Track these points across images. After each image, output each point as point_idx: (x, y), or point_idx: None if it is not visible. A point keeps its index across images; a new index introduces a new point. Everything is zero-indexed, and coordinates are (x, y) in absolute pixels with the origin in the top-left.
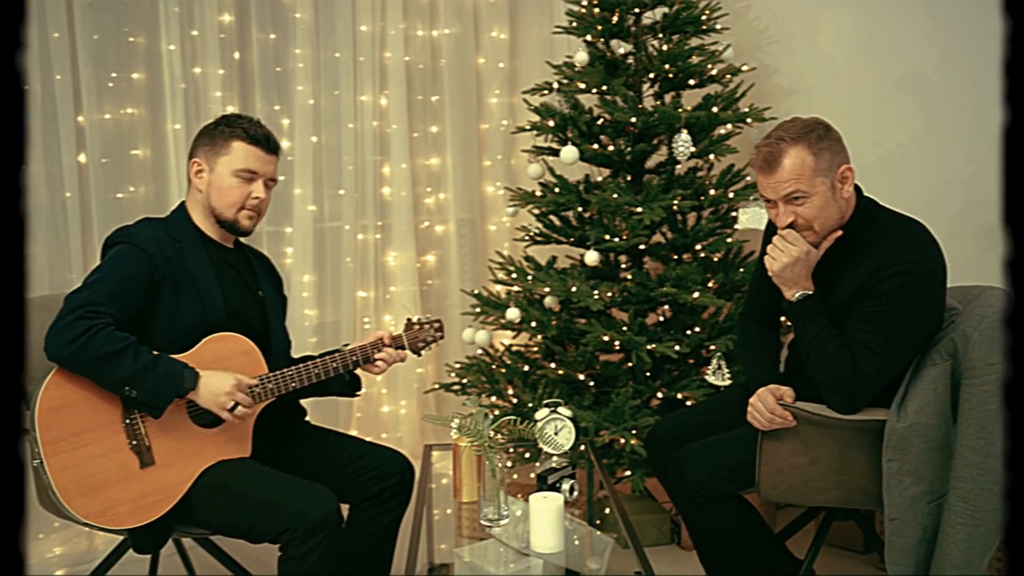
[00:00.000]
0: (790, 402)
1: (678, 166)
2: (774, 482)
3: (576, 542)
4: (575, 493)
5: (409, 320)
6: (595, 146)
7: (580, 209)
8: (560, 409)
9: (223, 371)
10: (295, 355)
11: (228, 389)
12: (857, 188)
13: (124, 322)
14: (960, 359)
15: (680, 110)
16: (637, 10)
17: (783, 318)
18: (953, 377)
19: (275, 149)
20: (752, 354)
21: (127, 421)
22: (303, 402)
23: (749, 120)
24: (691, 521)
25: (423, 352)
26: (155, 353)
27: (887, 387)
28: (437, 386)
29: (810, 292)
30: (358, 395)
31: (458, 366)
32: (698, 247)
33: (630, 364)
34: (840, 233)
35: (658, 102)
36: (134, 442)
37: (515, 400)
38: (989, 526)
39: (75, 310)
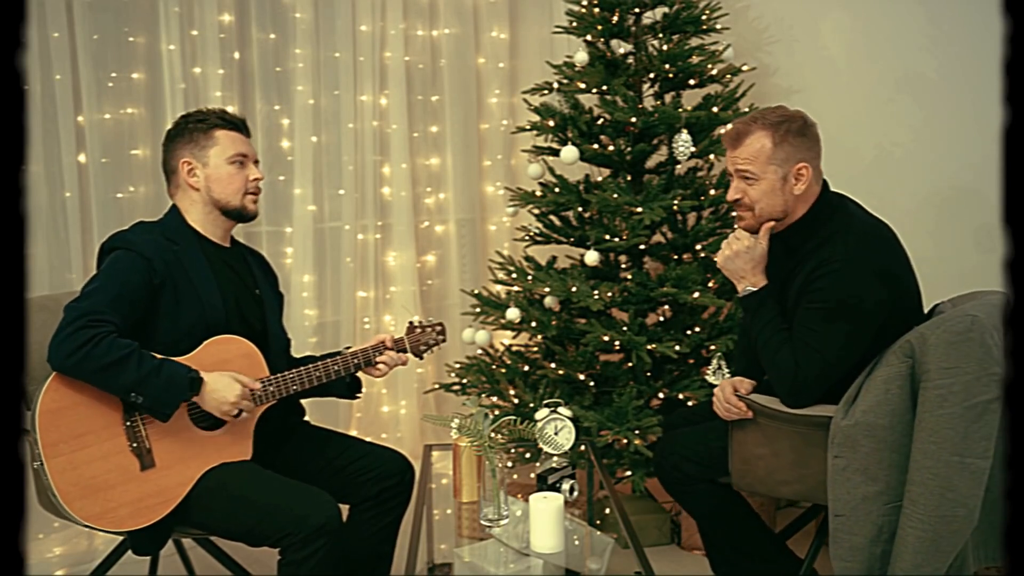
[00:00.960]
0: (745, 393)
1: (678, 166)
2: (742, 471)
3: (576, 542)
4: (575, 493)
5: (411, 323)
6: (595, 146)
7: (580, 209)
8: (560, 409)
9: (228, 375)
10: (296, 355)
11: (233, 400)
12: (825, 187)
13: (126, 329)
14: (917, 361)
15: (680, 110)
16: (637, 10)
17: None
18: (913, 379)
19: (248, 131)
20: (741, 349)
21: (128, 423)
22: (302, 402)
23: None
24: (682, 506)
25: (425, 355)
26: (159, 358)
27: (844, 385)
28: (437, 386)
29: (755, 289)
30: (358, 397)
31: (458, 366)
32: (698, 247)
33: (630, 364)
34: (772, 224)
35: (658, 102)
36: (135, 444)
37: (515, 400)
38: (940, 531)
39: (76, 320)
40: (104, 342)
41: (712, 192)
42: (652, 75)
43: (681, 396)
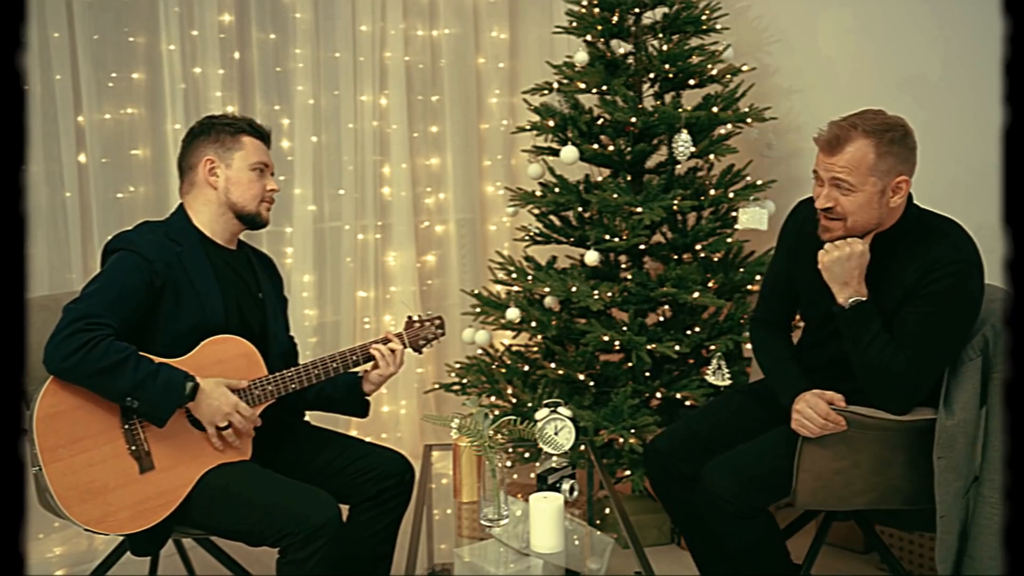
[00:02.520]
0: (843, 407)
1: (678, 166)
2: (813, 489)
3: (576, 542)
4: (575, 493)
5: (409, 318)
6: (595, 146)
7: (580, 209)
8: (560, 409)
9: (224, 383)
10: (302, 361)
11: (227, 410)
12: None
13: (124, 331)
14: (991, 353)
15: (680, 110)
16: (637, 10)
17: (796, 320)
18: (984, 371)
19: (271, 142)
20: (777, 360)
21: (126, 426)
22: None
23: (749, 120)
24: (714, 535)
25: (424, 350)
26: (156, 363)
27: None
28: (437, 386)
29: (863, 298)
30: (364, 416)
31: (458, 366)
32: (698, 247)
33: (630, 364)
34: (876, 232)
35: (658, 102)
36: (133, 447)
37: (515, 400)
38: None
39: (73, 322)
40: (101, 346)
41: (712, 192)
42: (652, 75)
43: (680, 396)
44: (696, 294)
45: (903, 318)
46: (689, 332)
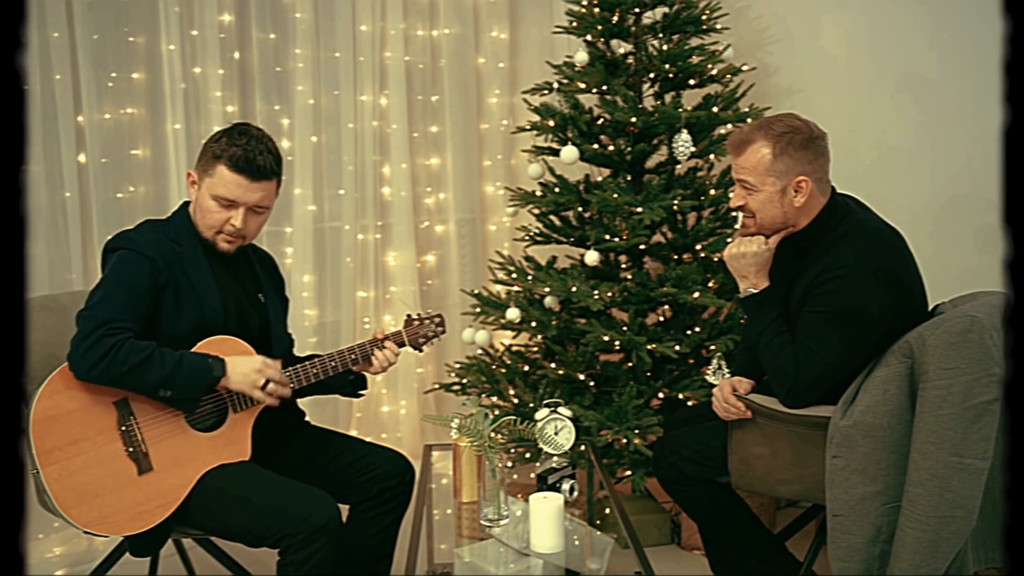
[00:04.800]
0: (744, 393)
1: (678, 166)
2: (741, 471)
3: (576, 542)
4: (575, 493)
5: (409, 316)
6: (595, 146)
7: (580, 209)
8: (560, 409)
9: (242, 349)
10: (298, 355)
11: (258, 367)
12: (833, 192)
13: (140, 331)
14: (916, 362)
15: (680, 110)
16: (637, 10)
17: None
18: (912, 380)
19: (264, 175)
20: (741, 347)
21: (123, 428)
22: (301, 403)
23: (749, 120)
24: (680, 506)
25: (424, 348)
26: (177, 352)
27: (844, 385)
28: (437, 386)
29: (755, 291)
30: (362, 394)
31: (458, 366)
32: (698, 247)
33: (630, 364)
34: (786, 232)
35: (658, 102)
36: (131, 449)
37: (515, 400)
38: (939, 532)
39: (95, 330)
40: (125, 347)
41: (712, 192)
42: (652, 75)
43: (681, 396)
44: (696, 294)
45: (800, 318)
46: (689, 332)
